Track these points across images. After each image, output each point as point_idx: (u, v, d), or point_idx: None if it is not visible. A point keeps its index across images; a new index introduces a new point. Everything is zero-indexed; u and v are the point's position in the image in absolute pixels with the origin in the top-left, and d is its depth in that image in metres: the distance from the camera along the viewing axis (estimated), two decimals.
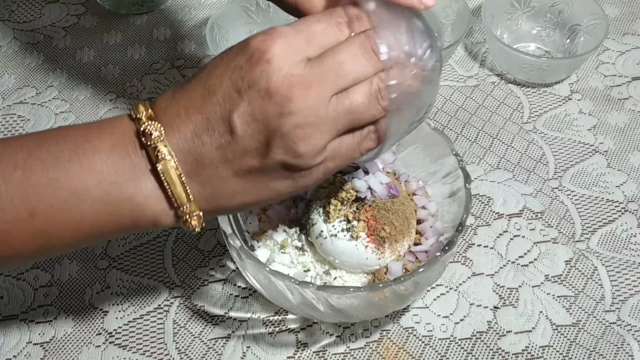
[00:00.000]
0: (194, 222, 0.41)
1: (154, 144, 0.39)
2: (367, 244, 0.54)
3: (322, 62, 0.39)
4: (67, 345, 0.57)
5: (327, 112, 0.39)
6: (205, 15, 0.83)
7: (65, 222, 0.40)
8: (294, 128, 0.38)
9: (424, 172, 0.61)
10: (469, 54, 0.79)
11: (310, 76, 0.39)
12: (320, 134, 0.39)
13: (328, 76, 0.39)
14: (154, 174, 0.40)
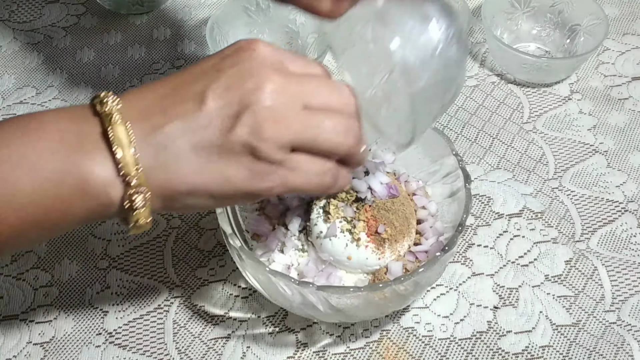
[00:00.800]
0: (138, 199, 0.38)
1: (108, 110, 0.38)
2: (367, 244, 0.54)
3: (303, 76, 0.41)
4: (67, 345, 0.57)
5: (298, 113, 0.39)
6: (205, 15, 0.83)
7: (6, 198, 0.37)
8: (266, 108, 0.38)
9: (424, 172, 0.61)
10: (469, 54, 0.79)
11: (291, 76, 0.40)
12: (286, 128, 0.39)
13: (306, 86, 0.40)
14: (104, 140, 0.38)
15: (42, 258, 0.62)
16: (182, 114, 0.38)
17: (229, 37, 0.75)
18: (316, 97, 0.40)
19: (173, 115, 0.39)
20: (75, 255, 0.62)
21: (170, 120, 0.38)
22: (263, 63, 0.39)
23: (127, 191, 0.38)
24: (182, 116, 0.38)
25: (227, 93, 0.38)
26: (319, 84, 0.41)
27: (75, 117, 0.39)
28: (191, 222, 0.64)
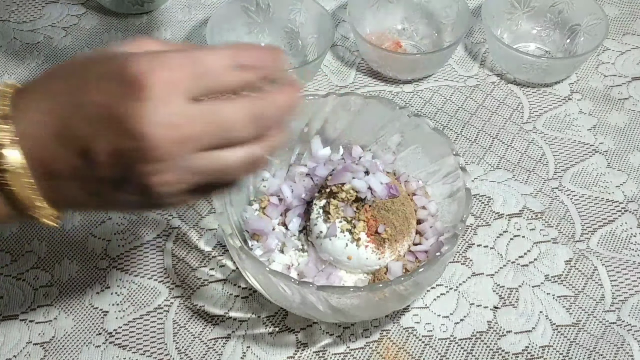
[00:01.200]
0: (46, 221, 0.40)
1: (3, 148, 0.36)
2: (367, 244, 0.54)
3: (204, 113, 0.36)
4: (67, 345, 0.57)
5: (193, 165, 0.37)
6: (205, 15, 0.83)
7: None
8: (152, 175, 0.36)
9: (424, 172, 0.61)
10: (469, 54, 0.79)
11: (186, 125, 0.36)
12: (179, 183, 0.37)
13: (206, 131, 0.36)
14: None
15: (42, 258, 0.62)
16: (71, 163, 0.37)
17: (229, 37, 0.75)
18: (222, 138, 0.37)
19: (62, 158, 0.37)
20: (75, 255, 0.62)
21: (61, 164, 0.37)
22: (151, 122, 0.35)
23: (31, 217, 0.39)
24: (71, 165, 0.37)
25: (113, 155, 0.36)
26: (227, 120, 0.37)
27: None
28: (191, 222, 0.64)
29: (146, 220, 0.64)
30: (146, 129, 0.35)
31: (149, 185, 0.37)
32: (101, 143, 0.36)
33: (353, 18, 0.74)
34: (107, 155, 0.36)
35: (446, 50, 0.72)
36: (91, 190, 0.38)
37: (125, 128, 0.35)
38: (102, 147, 0.36)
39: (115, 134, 0.35)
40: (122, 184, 0.37)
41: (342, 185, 0.55)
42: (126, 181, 0.37)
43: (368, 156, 0.61)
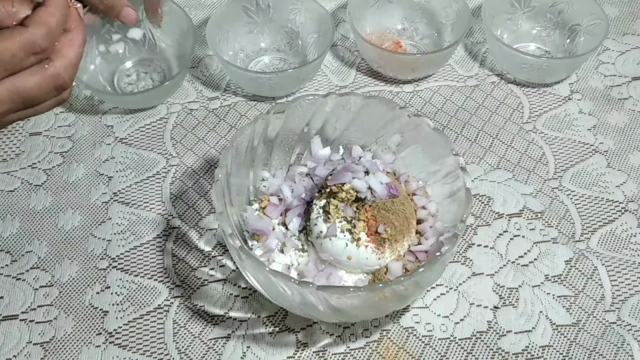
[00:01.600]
0: None
1: None
2: (367, 244, 0.54)
3: None
4: (67, 345, 0.57)
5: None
6: (205, 15, 0.83)
7: None
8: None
9: (424, 172, 0.61)
10: (469, 54, 0.79)
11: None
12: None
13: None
14: None
15: (42, 258, 0.62)
16: None
17: (229, 37, 0.75)
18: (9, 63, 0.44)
19: None
20: (75, 256, 0.62)
21: None
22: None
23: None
24: None
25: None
26: None
27: None
28: (191, 222, 0.64)
29: (146, 220, 0.64)
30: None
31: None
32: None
33: (353, 18, 0.74)
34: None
35: (446, 50, 0.72)
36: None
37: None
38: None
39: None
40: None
41: (342, 185, 0.55)
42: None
43: (368, 156, 0.61)
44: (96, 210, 0.65)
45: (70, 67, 0.47)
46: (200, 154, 0.69)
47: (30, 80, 0.45)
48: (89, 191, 0.66)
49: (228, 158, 0.56)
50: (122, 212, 0.65)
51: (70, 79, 0.47)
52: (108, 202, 0.65)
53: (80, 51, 0.48)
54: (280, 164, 0.63)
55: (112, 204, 0.65)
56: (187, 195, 0.66)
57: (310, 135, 0.63)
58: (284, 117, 0.60)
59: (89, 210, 0.65)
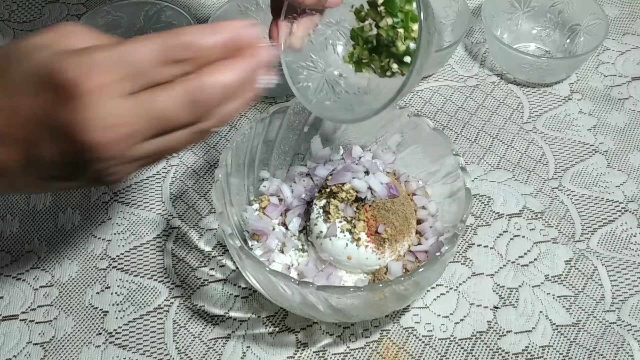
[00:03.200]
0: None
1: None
2: (367, 244, 0.54)
3: (139, 107, 0.36)
4: (67, 345, 0.57)
5: (140, 154, 0.38)
6: (205, 15, 0.83)
7: None
8: (101, 170, 0.37)
9: (424, 172, 0.61)
10: (469, 54, 0.79)
11: (124, 124, 0.36)
12: (129, 171, 0.39)
13: (147, 124, 0.36)
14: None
15: (42, 258, 0.62)
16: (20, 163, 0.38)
17: None
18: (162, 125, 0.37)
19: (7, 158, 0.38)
20: (75, 256, 0.62)
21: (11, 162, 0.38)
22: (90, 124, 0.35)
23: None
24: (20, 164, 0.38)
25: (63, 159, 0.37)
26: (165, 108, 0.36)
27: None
28: (191, 222, 0.64)
29: (146, 220, 0.64)
30: (86, 137, 0.35)
31: (101, 178, 0.38)
32: (46, 147, 0.36)
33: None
34: (53, 157, 0.37)
35: (446, 50, 0.72)
36: (38, 178, 0.39)
37: (67, 136, 0.35)
38: (48, 150, 0.37)
39: (60, 142, 0.36)
40: (73, 178, 0.38)
41: (342, 185, 0.55)
42: (78, 177, 0.38)
43: (368, 156, 0.61)
44: (96, 210, 0.65)
45: (218, 89, 0.37)
46: (200, 154, 0.69)
47: (178, 135, 0.38)
48: (89, 191, 0.66)
49: (228, 158, 0.56)
50: (122, 212, 0.65)
51: (212, 101, 0.37)
52: (108, 202, 0.65)
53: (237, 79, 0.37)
54: (280, 164, 0.63)
55: (112, 204, 0.65)
56: (187, 195, 0.66)
57: (310, 135, 0.63)
58: (284, 117, 0.60)
59: (89, 210, 0.65)
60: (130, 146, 0.37)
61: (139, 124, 0.36)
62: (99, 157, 0.36)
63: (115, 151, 0.36)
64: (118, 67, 0.36)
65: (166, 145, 0.39)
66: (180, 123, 0.38)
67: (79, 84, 0.35)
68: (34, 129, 0.37)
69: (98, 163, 0.37)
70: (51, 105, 0.35)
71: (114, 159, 0.37)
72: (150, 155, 0.39)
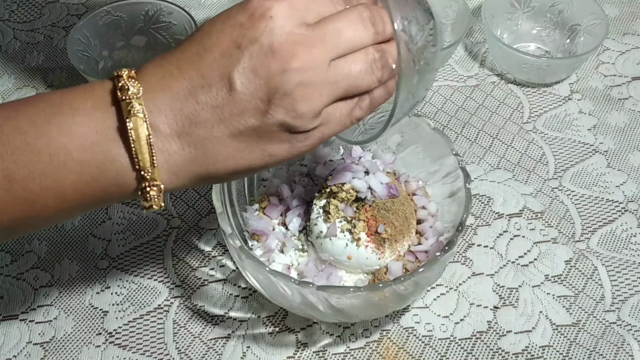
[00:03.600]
0: (152, 192, 0.39)
1: (129, 99, 0.38)
2: (367, 244, 0.54)
3: (322, 27, 0.39)
4: (67, 345, 0.57)
5: (327, 75, 0.39)
6: (206, 16, 0.83)
7: (46, 189, 0.38)
8: (296, 86, 0.38)
9: (424, 172, 0.61)
10: (469, 54, 0.79)
11: (312, 37, 0.38)
12: (319, 96, 0.39)
13: (328, 40, 0.39)
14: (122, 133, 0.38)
15: (42, 258, 0.62)
16: (214, 102, 0.38)
17: None
18: (339, 46, 0.39)
19: (204, 103, 0.38)
20: (75, 255, 0.62)
21: (202, 109, 0.38)
22: (282, 33, 0.38)
23: (141, 184, 0.39)
24: (214, 104, 0.38)
25: (253, 76, 0.38)
26: (338, 29, 0.39)
27: (101, 103, 0.39)
28: (191, 222, 0.64)
29: (146, 220, 0.64)
30: (279, 42, 0.37)
31: (291, 95, 0.38)
32: (240, 69, 0.38)
33: None
34: (247, 79, 0.38)
35: (446, 50, 0.72)
36: (237, 129, 0.39)
37: (259, 47, 0.37)
38: (241, 71, 0.38)
39: (251, 56, 0.38)
40: (265, 107, 0.38)
41: (342, 185, 0.55)
42: (272, 102, 0.38)
43: (368, 156, 0.61)
44: (96, 210, 0.65)
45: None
46: None
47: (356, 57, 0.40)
48: None
49: None
50: (122, 212, 0.65)
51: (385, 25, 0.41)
52: None
53: None
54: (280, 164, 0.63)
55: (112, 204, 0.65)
56: (187, 195, 0.66)
57: None
58: None
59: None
60: (317, 60, 0.38)
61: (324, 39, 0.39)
62: (286, 62, 0.37)
63: (301, 58, 0.38)
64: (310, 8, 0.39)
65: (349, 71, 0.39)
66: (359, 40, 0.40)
67: (268, 6, 0.38)
68: (229, 56, 0.38)
69: (286, 73, 0.37)
70: (243, 23, 0.38)
71: (301, 68, 0.38)
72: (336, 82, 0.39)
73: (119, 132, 0.38)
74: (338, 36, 0.39)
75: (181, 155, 0.39)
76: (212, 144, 0.39)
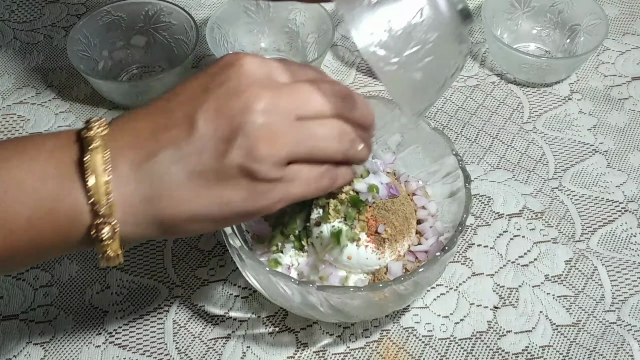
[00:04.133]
0: (105, 230, 0.38)
1: (91, 136, 0.38)
2: (367, 244, 0.54)
3: (294, 85, 0.40)
4: (67, 345, 0.57)
5: (292, 126, 0.38)
6: (205, 15, 0.83)
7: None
8: (258, 127, 0.37)
9: (424, 172, 0.61)
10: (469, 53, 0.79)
11: (282, 89, 0.39)
12: (282, 144, 0.38)
13: (298, 97, 0.39)
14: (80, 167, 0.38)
15: None
16: (174, 141, 0.38)
17: (229, 37, 0.75)
18: (308, 105, 0.39)
19: (165, 142, 0.38)
20: (75, 255, 0.62)
21: (162, 147, 0.38)
22: (250, 79, 0.38)
23: (94, 220, 0.38)
24: (174, 143, 0.38)
25: (216, 116, 0.37)
26: (310, 91, 0.39)
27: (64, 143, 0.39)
28: None
29: None
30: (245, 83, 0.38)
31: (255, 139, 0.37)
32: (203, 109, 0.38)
33: None
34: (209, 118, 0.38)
35: None
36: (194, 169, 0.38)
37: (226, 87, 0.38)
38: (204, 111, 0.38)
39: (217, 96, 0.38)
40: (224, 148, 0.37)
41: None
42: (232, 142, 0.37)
43: None
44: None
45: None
46: None
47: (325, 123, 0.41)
48: None
49: None
50: None
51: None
52: None
53: None
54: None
55: None
56: None
57: None
58: None
59: None
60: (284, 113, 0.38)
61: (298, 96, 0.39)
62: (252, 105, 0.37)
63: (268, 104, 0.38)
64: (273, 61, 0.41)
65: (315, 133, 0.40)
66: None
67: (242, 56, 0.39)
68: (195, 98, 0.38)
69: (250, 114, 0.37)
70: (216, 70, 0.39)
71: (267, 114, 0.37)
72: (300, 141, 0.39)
73: (77, 166, 0.38)
74: (309, 97, 0.39)
75: (137, 193, 0.38)
76: (169, 184, 0.38)
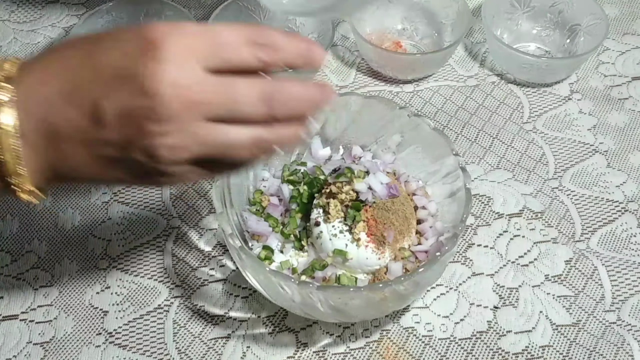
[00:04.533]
0: (24, 195, 0.39)
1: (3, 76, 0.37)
2: (367, 244, 0.54)
3: (217, 83, 0.37)
4: (67, 345, 0.57)
5: (199, 133, 0.37)
6: (205, 15, 0.83)
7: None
8: (158, 135, 0.36)
9: (424, 172, 0.61)
10: (469, 54, 0.79)
11: (198, 90, 0.36)
12: (184, 150, 0.37)
13: (216, 99, 0.37)
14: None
15: (42, 258, 0.62)
16: (78, 126, 0.37)
17: None
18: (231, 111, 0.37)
19: (70, 120, 0.37)
20: (75, 255, 0.62)
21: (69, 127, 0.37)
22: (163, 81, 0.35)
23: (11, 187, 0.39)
24: (79, 128, 0.37)
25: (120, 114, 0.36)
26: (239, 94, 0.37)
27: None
28: (191, 222, 0.64)
29: (146, 220, 0.64)
30: (158, 87, 0.35)
31: (154, 146, 0.36)
32: (111, 102, 0.36)
33: (353, 18, 0.74)
34: (115, 115, 0.36)
35: (446, 50, 0.72)
36: (95, 153, 0.38)
37: (137, 86, 0.35)
38: (112, 106, 0.36)
39: (127, 92, 0.36)
40: (127, 146, 0.37)
41: (342, 185, 0.55)
42: (132, 143, 0.37)
43: (368, 156, 0.61)
44: (96, 210, 0.65)
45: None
46: None
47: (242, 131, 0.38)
48: (89, 191, 0.66)
49: None
50: (122, 212, 0.65)
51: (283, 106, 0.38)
52: (108, 202, 0.65)
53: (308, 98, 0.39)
54: (280, 163, 0.63)
55: (112, 204, 0.65)
56: (187, 195, 0.66)
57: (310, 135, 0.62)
58: None
59: (89, 210, 0.65)
60: (193, 117, 0.36)
61: (210, 95, 0.36)
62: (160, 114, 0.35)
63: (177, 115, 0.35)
64: (205, 36, 0.37)
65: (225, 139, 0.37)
66: (248, 111, 0.37)
67: (165, 40, 0.36)
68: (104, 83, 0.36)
69: (156, 123, 0.35)
70: (131, 57, 0.36)
71: (173, 123, 0.36)
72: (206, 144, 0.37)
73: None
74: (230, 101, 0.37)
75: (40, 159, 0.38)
76: (74, 161, 0.38)
